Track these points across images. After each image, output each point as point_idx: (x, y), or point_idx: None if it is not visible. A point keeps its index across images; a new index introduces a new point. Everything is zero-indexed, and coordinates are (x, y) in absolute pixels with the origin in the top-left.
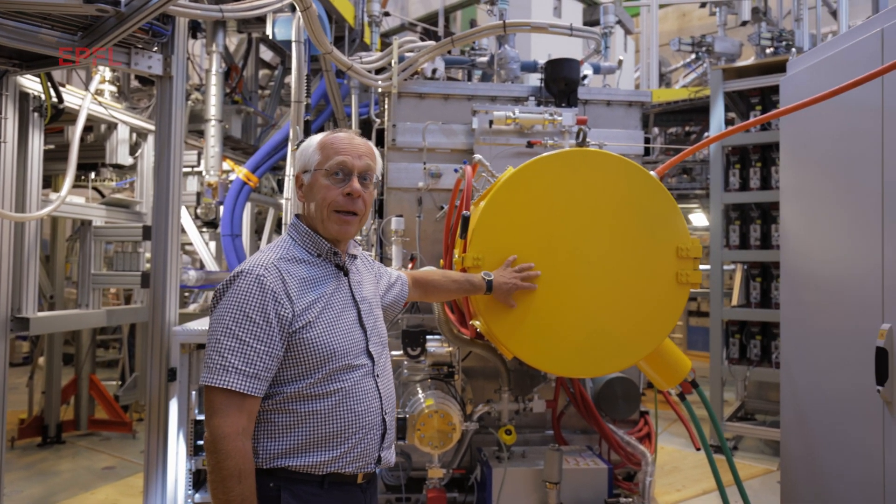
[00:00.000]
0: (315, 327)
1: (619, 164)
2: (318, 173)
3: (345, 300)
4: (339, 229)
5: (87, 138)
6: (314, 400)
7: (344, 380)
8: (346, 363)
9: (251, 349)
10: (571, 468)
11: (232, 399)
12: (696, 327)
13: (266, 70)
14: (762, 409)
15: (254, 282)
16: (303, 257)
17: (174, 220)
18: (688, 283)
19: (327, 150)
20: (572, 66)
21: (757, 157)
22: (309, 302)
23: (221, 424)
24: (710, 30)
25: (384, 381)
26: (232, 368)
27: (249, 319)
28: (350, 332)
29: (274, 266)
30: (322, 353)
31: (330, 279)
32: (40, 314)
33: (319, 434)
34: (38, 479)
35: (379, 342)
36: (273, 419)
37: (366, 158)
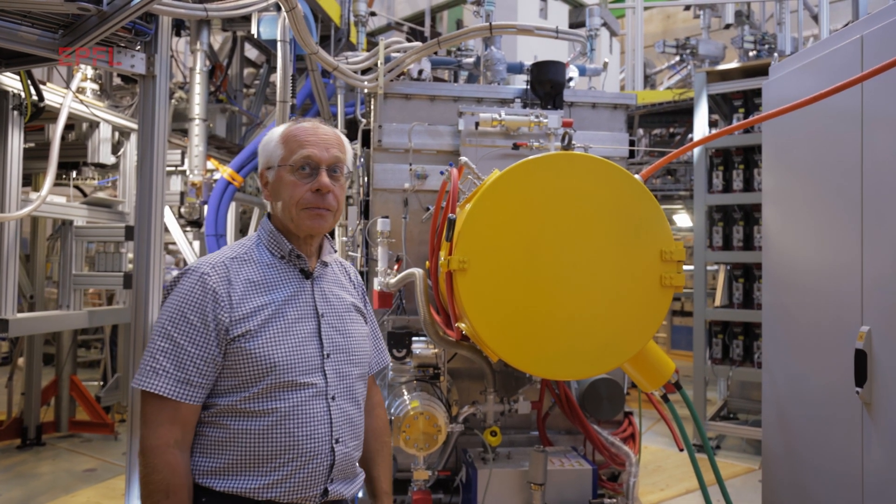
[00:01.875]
0: (256, 337)
1: (604, 168)
2: (283, 169)
3: (302, 309)
4: (311, 224)
5: (68, 137)
6: (248, 417)
7: (284, 398)
8: (288, 380)
9: (185, 352)
10: (556, 469)
11: (163, 407)
12: (680, 327)
13: (251, 69)
14: (745, 409)
15: (196, 281)
16: (262, 258)
17: (157, 220)
18: (671, 286)
19: (291, 143)
20: (558, 68)
21: (740, 159)
22: (253, 308)
23: (149, 435)
24: (695, 32)
25: (342, 404)
26: (162, 371)
27: (186, 321)
28: (301, 346)
29: (223, 265)
30: (260, 366)
31: (288, 285)
32: (20, 315)
33: (250, 456)
34: (18, 482)
35: (344, 360)
36: (206, 433)
37: (334, 150)
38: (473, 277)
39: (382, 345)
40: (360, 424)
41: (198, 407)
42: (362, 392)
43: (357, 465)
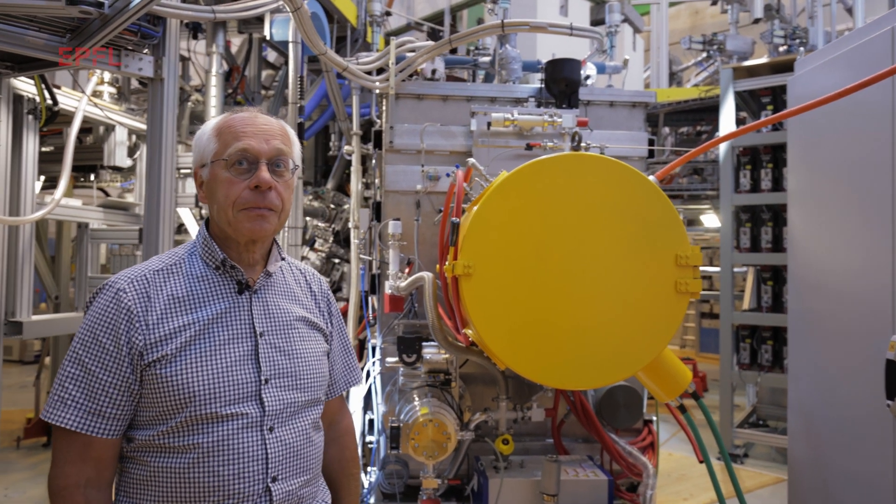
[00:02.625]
0: (174, 362)
1: (616, 169)
2: (217, 165)
3: (235, 328)
4: (251, 227)
5: (86, 140)
6: (167, 454)
7: (207, 432)
8: (211, 411)
9: (96, 379)
10: (570, 479)
11: (74, 442)
12: (709, 329)
13: (270, 70)
14: (775, 416)
15: (111, 298)
16: (193, 270)
17: (166, 223)
18: (687, 291)
19: (224, 135)
20: (573, 66)
21: (768, 157)
22: (173, 328)
23: (58, 475)
24: (724, 28)
25: (283, 436)
26: (71, 402)
27: (98, 343)
28: (230, 371)
29: (143, 279)
30: (176, 396)
31: (219, 300)
32: (35, 318)
33: (173, 498)
34: (41, 480)
35: (288, 385)
36: (128, 469)
37: (275, 141)
38: (479, 283)
39: (352, 361)
40: (312, 457)
41: (114, 441)
42: (313, 420)
43: (311, 502)
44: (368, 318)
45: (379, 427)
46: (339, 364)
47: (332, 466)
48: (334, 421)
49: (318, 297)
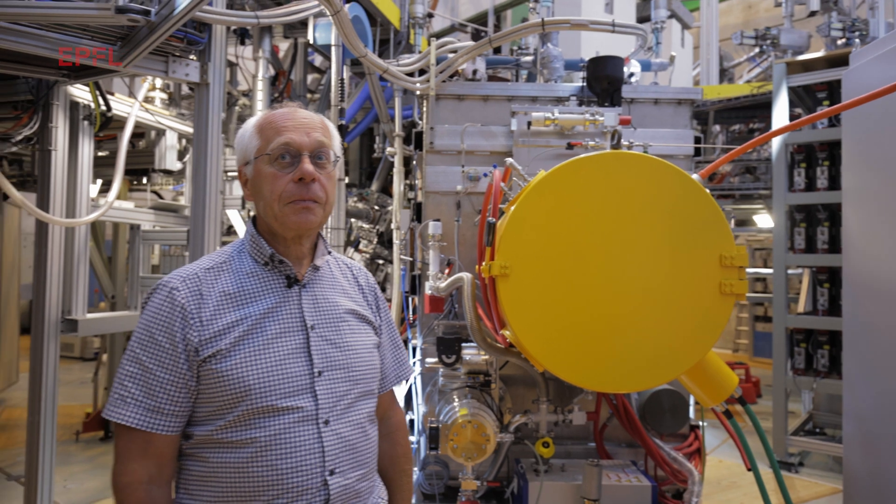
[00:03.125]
0: (229, 356)
1: (657, 167)
2: (261, 161)
3: (287, 322)
4: (297, 220)
5: (139, 144)
6: (226, 449)
7: (264, 426)
8: (267, 404)
9: (154, 377)
10: (612, 484)
11: (134, 439)
12: (763, 333)
13: (315, 74)
14: (833, 424)
15: (165, 297)
16: (242, 267)
17: (213, 224)
18: (732, 293)
19: (266, 131)
20: (616, 63)
21: (824, 154)
22: (226, 324)
23: (121, 472)
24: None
25: (339, 429)
26: (131, 399)
27: (155, 342)
28: (283, 365)
29: (195, 277)
30: (233, 390)
31: (269, 295)
32: (89, 316)
33: (232, 493)
34: (98, 473)
35: (341, 377)
36: (188, 466)
37: (316, 133)
38: (516, 283)
39: (402, 355)
40: (367, 450)
41: (174, 438)
42: (368, 413)
43: (370, 498)
44: (409, 319)
45: (419, 427)
46: (389, 358)
47: (383, 462)
48: (385, 416)
49: (366, 291)
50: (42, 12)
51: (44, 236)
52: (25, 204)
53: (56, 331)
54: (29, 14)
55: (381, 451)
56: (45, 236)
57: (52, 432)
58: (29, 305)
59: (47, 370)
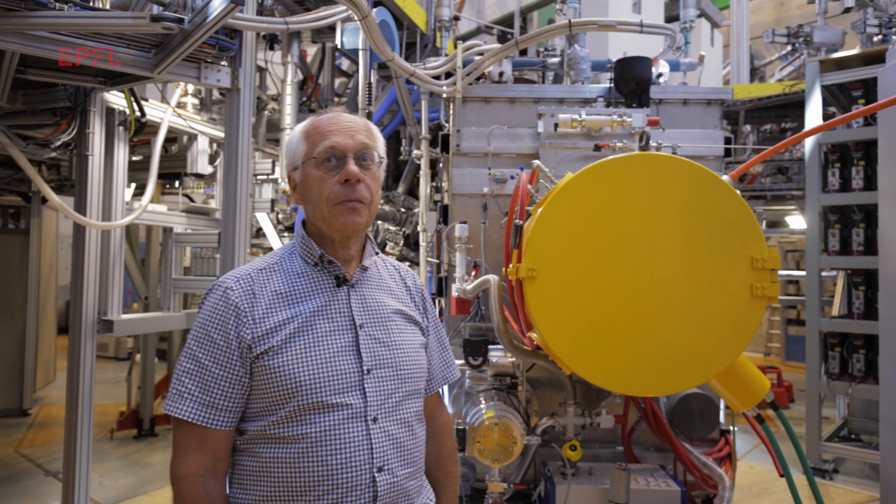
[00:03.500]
0: (281, 353)
1: (687, 169)
2: (308, 165)
3: (337, 321)
4: (345, 221)
5: (171, 149)
6: (278, 444)
7: (315, 422)
8: (318, 400)
9: (209, 373)
10: (641, 489)
11: (191, 433)
12: (795, 337)
13: (343, 78)
14: (869, 430)
15: (220, 297)
16: (293, 267)
17: (243, 227)
18: (764, 296)
19: (312, 136)
20: (643, 64)
21: (860, 154)
22: (278, 322)
23: (178, 464)
24: (811, 19)
25: (387, 427)
26: (187, 394)
27: (210, 339)
28: (333, 362)
29: (248, 277)
30: (285, 386)
31: (319, 294)
32: (124, 317)
33: (284, 488)
34: (132, 470)
35: (389, 375)
36: (242, 462)
37: (360, 135)
38: (543, 286)
39: (449, 357)
40: (415, 449)
41: (228, 433)
42: (416, 412)
43: (417, 499)
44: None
45: None
46: (436, 359)
47: (428, 464)
48: (432, 417)
49: (413, 293)
50: (81, 22)
51: (81, 239)
52: (64, 207)
53: (93, 331)
54: (69, 24)
55: (427, 453)
56: (83, 239)
57: (88, 430)
58: (65, 306)
59: (84, 369)
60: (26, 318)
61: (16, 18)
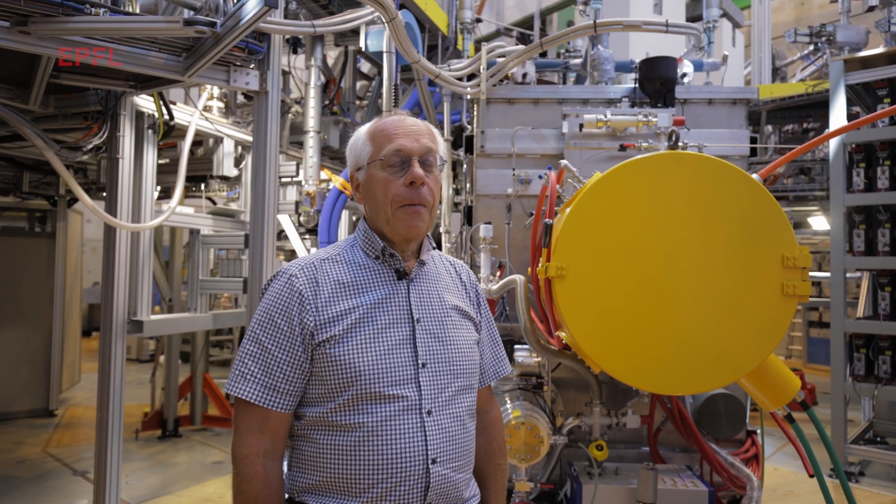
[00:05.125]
0: (342, 342)
1: (716, 168)
2: (373, 167)
3: (395, 314)
4: (407, 226)
5: (197, 152)
6: (336, 431)
7: (371, 412)
8: (375, 391)
9: (272, 357)
10: (668, 489)
11: (253, 414)
12: (817, 339)
13: (364, 81)
14: (895, 432)
15: (285, 283)
16: (356, 259)
17: (270, 229)
18: (795, 294)
19: (378, 138)
20: (668, 64)
21: (885, 154)
22: (340, 311)
23: (240, 444)
24: (832, 18)
25: (440, 420)
26: (250, 376)
27: (274, 324)
28: (391, 354)
29: (311, 266)
30: (345, 375)
31: (380, 287)
32: (153, 317)
33: (340, 474)
34: (157, 470)
35: (443, 370)
36: (300, 446)
37: (424, 139)
38: (573, 284)
39: (501, 352)
40: (466, 443)
41: (288, 416)
42: (468, 407)
43: (466, 491)
44: None
45: None
46: (488, 353)
47: (479, 457)
48: (483, 411)
49: (468, 288)
50: (115, 27)
51: (112, 241)
52: (96, 210)
53: (123, 331)
54: (103, 28)
55: (478, 446)
56: (113, 241)
57: (119, 429)
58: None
59: (115, 369)
60: (52, 320)
61: (53, 24)
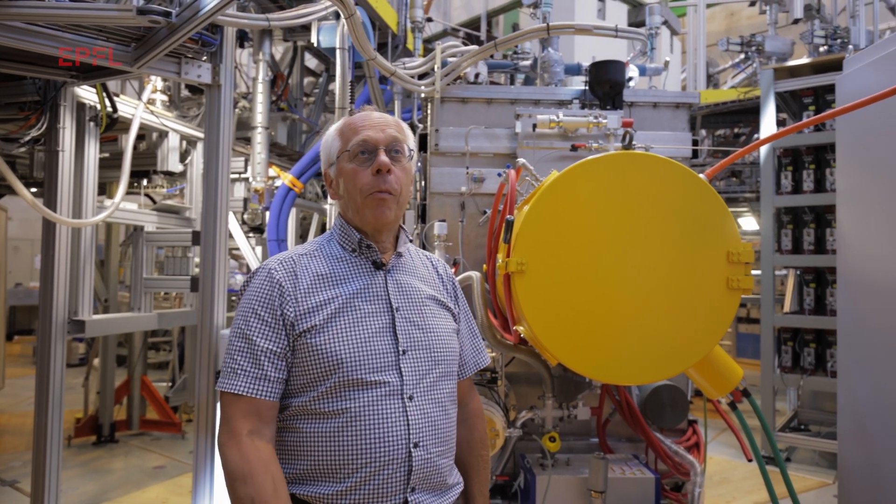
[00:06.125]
0: (322, 332)
1: (667, 167)
2: (342, 159)
3: (374, 303)
4: (375, 214)
5: (139, 146)
6: (318, 419)
7: (354, 398)
8: (357, 377)
9: (259, 349)
10: (617, 477)
11: (239, 402)
12: (746, 334)
13: (311, 77)
14: (817, 420)
15: (265, 277)
16: (334, 253)
17: (222, 226)
18: (739, 288)
19: (346, 132)
20: (617, 68)
21: (810, 158)
22: (319, 301)
23: (224, 430)
24: (760, 29)
25: (422, 405)
26: (241, 371)
27: (258, 317)
28: (371, 342)
29: (290, 260)
30: (326, 363)
31: (358, 277)
32: (95, 317)
33: (324, 460)
34: (93, 477)
35: (423, 357)
36: (284, 438)
37: (390, 129)
38: (532, 280)
39: (480, 344)
40: (448, 429)
41: (274, 403)
42: (449, 394)
43: (449, 478)
44: None
45: None
46: (467, 345)
47: (461, 448)
48: (464, 402)
49: (445, 281)
50: (61, 13)
51: (51, 238)
52: (36, 205)
53: (63, 332)
54: (46, 14)
55: (459, 437)
56: (53, 237)
57: (58, 435)
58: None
59: (55, 371)
60: None
61: None
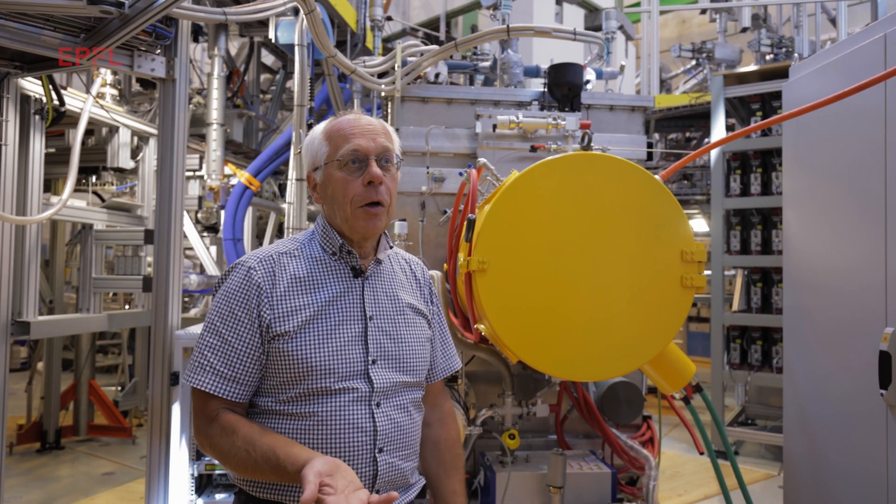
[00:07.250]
0: (295, 338)
1: (624, 168)
2: (331, 167)
3: (348, 311)
4: (366, 225)
5: (88, 142)
6: (286, 419)
7: (322, 402)
8: (325, 385)
9: (232, 348)
10: (575, 472)
11: (211, 402)
12: (696, 333)
13: (268, 74)
14: (763, 415)
15: (244, 275)
16: (314, 253)
17: (177, 224)
18: (692, 286)
19: (335, 138)
20: (576, 70)
21: (758, 162)
22: (295, 306)
23: (198, 422)
24: (710, 36)
25: (388, 411)
26: (210, 368)
27: (234, 315)
28: (343, 351)
29: (270, 259)
30: (297, 370)
31: (335, 283)
32: (41, 318)
33: None
34: (38, 485)
35: (392, 367)
36: None
37: (381, 139)
38: (493, 278)
39: (451, 348)
40: (413, 434)
41: (244, 405)
42: (413, 400)
43: (411, 478)
44: None
45: None
46: (439, 349)
47: (438, 446)
48: (437, 403)
49: (422, 285)
50: (5, 0)
51: None
52: None
53: (6, 334)
54: None
55: (434, 436)
56: None
57: (2, 441)
58: None
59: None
60: None
61: None
